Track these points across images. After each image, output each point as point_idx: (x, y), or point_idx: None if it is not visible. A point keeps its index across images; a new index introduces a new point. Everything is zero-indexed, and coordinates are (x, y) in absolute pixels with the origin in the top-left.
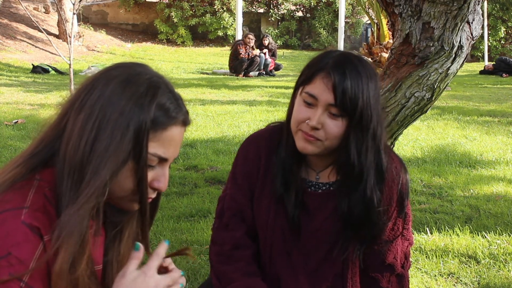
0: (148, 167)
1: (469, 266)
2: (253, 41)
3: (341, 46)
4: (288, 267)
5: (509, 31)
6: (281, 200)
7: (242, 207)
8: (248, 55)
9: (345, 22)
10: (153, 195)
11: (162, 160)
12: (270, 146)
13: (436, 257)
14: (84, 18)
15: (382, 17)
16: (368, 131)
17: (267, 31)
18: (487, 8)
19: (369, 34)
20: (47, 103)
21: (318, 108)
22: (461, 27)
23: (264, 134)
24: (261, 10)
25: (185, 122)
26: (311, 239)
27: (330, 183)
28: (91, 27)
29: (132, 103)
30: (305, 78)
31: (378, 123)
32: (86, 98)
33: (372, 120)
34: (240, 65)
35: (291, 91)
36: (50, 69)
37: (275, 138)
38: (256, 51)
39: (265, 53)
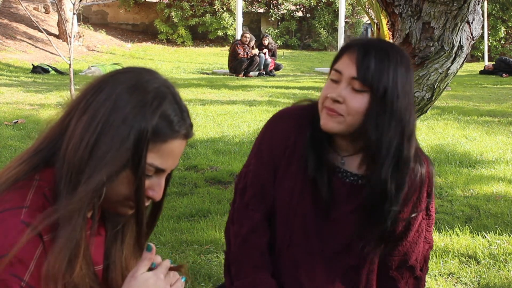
0: (145, 176)
1: (469, 266)
2: (251, 40)
3: (341, 46)
4: (306, 251)
5: (509, 31)
6: (313, 182)
7: (265, 184)
8: (247, 54)
9: (345, 22)
10: (146, 203)
11: (159, 171)
12: (301, 124)
13: (436, 257)
14: (84, 18)
15: (382, 17)
16: (392, 111)
17: (267, 31)
18: (487, 8)
19: (369, 34)
20: (47, 103)
21: (342, 82)
22: (461, 27)
23: (294, 111)
24: (261, 10)
25: (187, 135)
26: (332, 227)
27: (359, 176)
28: (91, 27)
29: (136, 111)
30: (336, 57)
31: (407, 110)
32: (92, 99)
33: (398, 101)
34: (239, 65)
35: (291, 91)
36: (50, 69)
37: (305, 116)
38: (256, 51)
39: (265, 53)
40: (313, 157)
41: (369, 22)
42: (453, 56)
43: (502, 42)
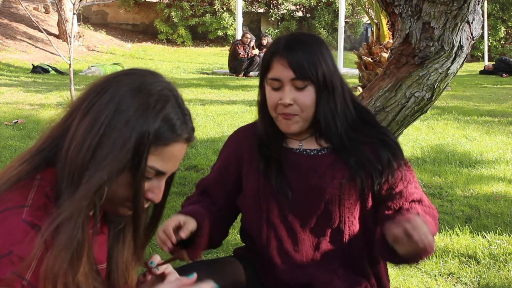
0: (145, 178)
1: (469, 266)
2: (252, 40)
3: (341, 46)
4: (287, 228)
5: (509, 31)
6: (264, 173)
7: (210, 186)
8: (247, 54)
9: (345, 22)
10: (145, 205)
11: (159, 173)
12: (253, 132)
13: (436, 257)
14: (84, 18)
15: (382, 17)
16: (333, 89)
17: (267, 31)
18: (487, 8)
19: (369, 34)
20: (47, 103)
21: (285, 87)
22: (461, 27)
23: (248, 126)
24: (261, 10)
25: (189, 139)
26: (306, 199)
27: (318, 149)
28: (91, 27)
29: (139, 114)
30: (265, 68)
31: (341, 80)
32: (95, 100)
33: (334, 79)
34: (239, 65)
35: None
36: (50, 69)
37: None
38: (256, 51)
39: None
40: (259, 157)
41: (369, 22)
42: (453, 56)
43: (502, 42)
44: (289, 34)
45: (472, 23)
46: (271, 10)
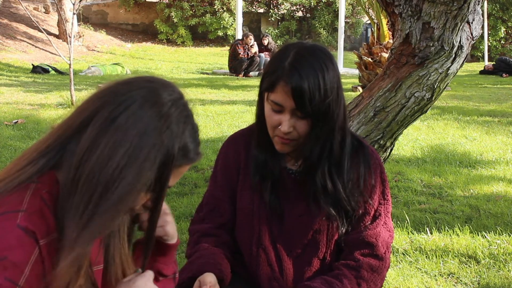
0: (151, 190)
1: (469, 266)
2: (253, 40)
3: (341, 46)
4: (275, 253)
5: (509, 31)
6: (258, 189)
7: (219, 203)
8: (247, 54)
9: (345, 22)
10: (146, 214)
11: None
12: (249, 142)
13: (436, 257)
14: (84, 18)
15: (382, 17)
16: (327, 119)
17: (267, 31)
18: (487, 8)
19: (369, 34)
20: (47, 103)
21: (286, 114)
22: (461, 27)
23: (243, 132)
24: (261, 10)
25: (197, 160)
26: (295, 225)
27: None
28: (91, 27)
29: (164, 138)
30: (268, 85)
31: (337, 106)
32: (115, 113)
33: (331, 107)
34: (239, 65)
35: None
36: (50, 69)
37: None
38: (254, 49)
39: (263, 50)
40: (253, 170)
41: (369, 22)
42: (453, 56)
43: (502, 42)
44: (296, 52)
45: (472, 23)
46: (271, 10)
